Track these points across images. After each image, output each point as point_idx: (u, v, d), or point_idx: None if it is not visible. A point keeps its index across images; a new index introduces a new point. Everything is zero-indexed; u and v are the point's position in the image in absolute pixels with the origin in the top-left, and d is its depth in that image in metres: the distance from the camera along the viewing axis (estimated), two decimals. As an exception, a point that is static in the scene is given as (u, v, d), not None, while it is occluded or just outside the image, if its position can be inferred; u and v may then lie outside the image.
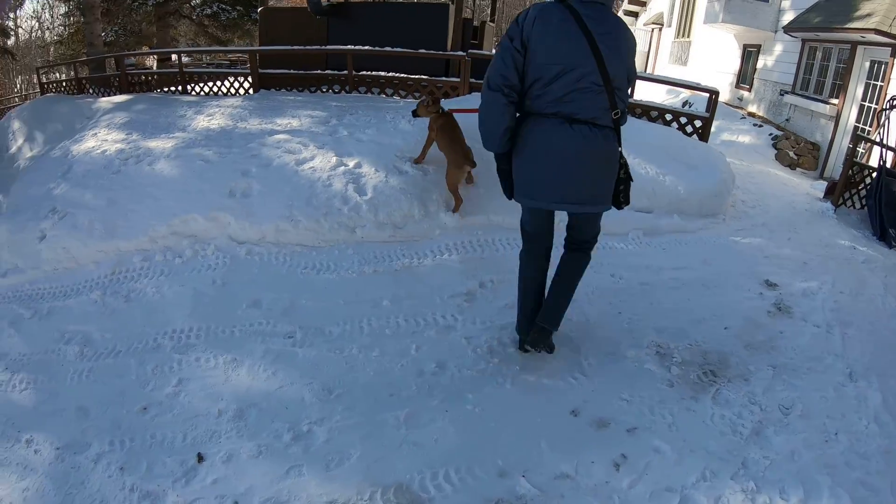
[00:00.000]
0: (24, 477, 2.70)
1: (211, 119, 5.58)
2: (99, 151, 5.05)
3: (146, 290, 3.87)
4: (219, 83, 7.09)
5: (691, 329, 3.09)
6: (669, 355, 2.89)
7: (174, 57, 8.97)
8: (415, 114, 4.34)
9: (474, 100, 5.31)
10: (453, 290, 3.55)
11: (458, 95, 6.03)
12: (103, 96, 7.72)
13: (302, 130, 4.97)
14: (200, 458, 2.56)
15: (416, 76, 6.28)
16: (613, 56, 2.24)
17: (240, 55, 14.35)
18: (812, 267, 4.05)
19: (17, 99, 16.19)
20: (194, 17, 14.05)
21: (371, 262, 3.87)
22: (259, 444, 2.58)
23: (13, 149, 7.47)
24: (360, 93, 6.56)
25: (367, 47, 6.18)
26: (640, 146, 4.69)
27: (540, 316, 2.70)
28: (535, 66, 2.24)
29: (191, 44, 17.76)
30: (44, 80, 10.20)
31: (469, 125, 4.35)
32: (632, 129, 3.40)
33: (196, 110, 5.97)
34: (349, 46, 6.23)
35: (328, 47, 6.42)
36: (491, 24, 9.30)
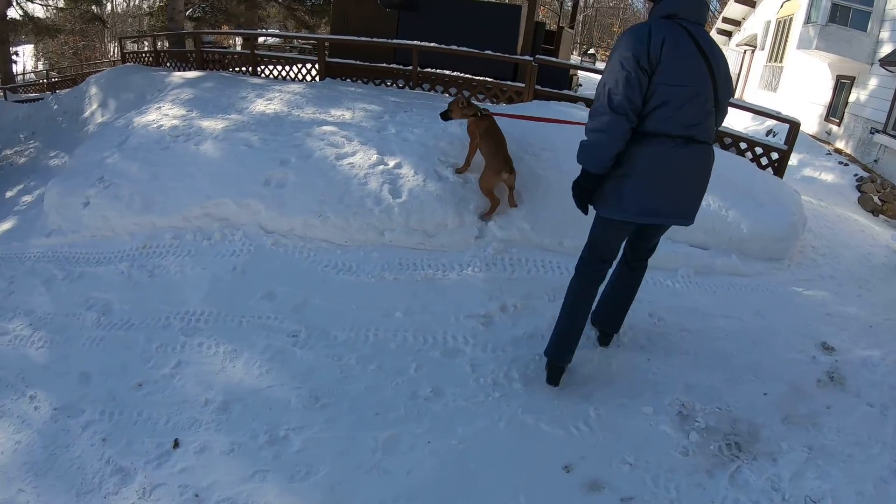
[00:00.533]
0: (20, 430, 3.00)
1: (269, 103, 5.86)
2: (156, 126, 5.45)
3: (170, 268, 4.15)
4: (287, 68, 7.46)
5: (725, 390, 2.87)
6: (692, 418, 2.70)
7: (261, 39, 9.48)
8: (445, 116, 4.31)
9: (533, 108, 5.26)
10: (471, 311, 3.52)
11: (521, 101, 5.97)
12: (179, 71, 8.35)
13: (351, 124, 5.11)
14: (176, 443, 2.71)
15: (481, 77, 6.29)
16: (723, 78, 2.40)
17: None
18: (879, 333, 3.65)
19: (106, 65, 17.87)
20: (282, 0, 14.91)
21: (394, 269, 3.91)
22: (234, 440, 2.69)
23: (87, 112, 8.25)
24: (423, 89, 6.66)
25: (432, 44, 6.26)
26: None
27: (605, 322, 3.14)
28: (664, 88, 2.29)
29: (280, 27, 18.85)
30: (126, 49, 11.17)
31: (517, 130, 4.40)
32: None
33: (258, 93, 6.30)
34: (415, 42, 6.34)
35: (394, 41, 6.56)
36: (570, 30, 9.13)
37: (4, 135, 9.13)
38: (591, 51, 27.29)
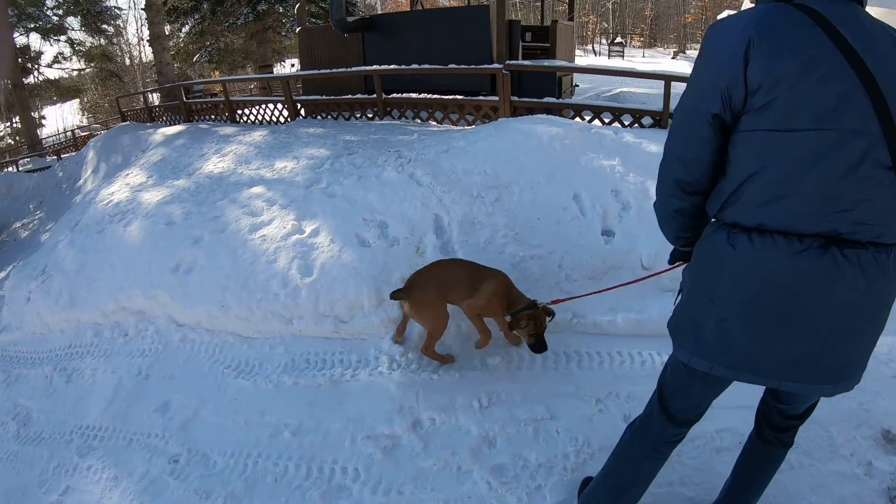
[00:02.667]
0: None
1: (221, 160, 5.49)
2: (106, 202, 5.24)
3: (85, 372, 3.91)
4: (262, 109, 7.12)
5: None
6: None
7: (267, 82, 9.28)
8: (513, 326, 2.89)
9: (510, 131, 4.38)
10: (373, 429, 2.84)
11: (498, 117, 5.12)
12: (169, 125, 8.31)
13: (284, 180, 4.56)
14: None
15: (451, 96, 5.49)
16: None
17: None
18: None
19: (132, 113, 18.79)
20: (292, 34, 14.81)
21: (296, 369, 3.30)
22: None
23: (82, 180, 8.44)
24: (393, 117, 6.00)
25: (391, 66, 5.58)
26: None
27: None
28: (767, 139, 1.30)
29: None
30: (125, 108, 11.41)
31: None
32: None
33: (219, 147, 5.95)
34: (374, 66, 5.69)
35: (353, 68, 5.98)
36: (568, 22, 7.90)
37: (17, 206, 9.64)
38: (619, 39, 24.50)
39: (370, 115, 6.12)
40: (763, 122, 1.29)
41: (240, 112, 7.57)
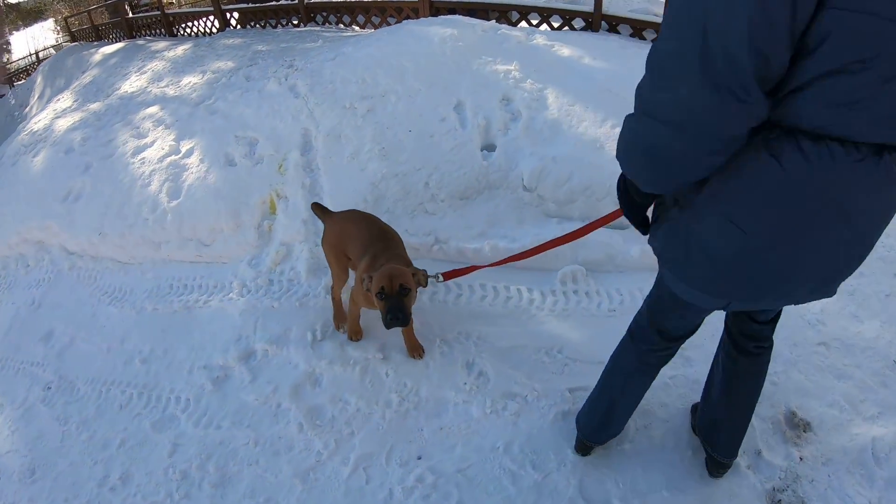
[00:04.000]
0: None
1: (139, 79, 5.30)
2: (28, 131, 5.20)
3: None
4: (197, 22, 6.78)
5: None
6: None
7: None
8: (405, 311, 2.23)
9: (409, 35, 4.00)
10: (209, 359, 2.85)
11: (420, 17, 4.68)
12: (116, 42, 8.02)
13: (180, 97, 4.38)
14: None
15: (370, -2, 5.03)
16: None
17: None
18: None
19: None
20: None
21: (158, 294, 3.30)
22: None
23: (28, 106, 8.36)
24: (317, 23, 5.60)
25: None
26: None
27: (710, 439, 2.04)
28: (855, 21, 0.95)
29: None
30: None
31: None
32: None
33: (143, 65, 5.75)
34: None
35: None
36: None
37: None
38: None
39: (295, 22, 5.74)
40: (869, 4, 0.93)
41: (176, 26, 7.26)
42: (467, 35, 3.78)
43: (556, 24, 4.69)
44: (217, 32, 6.51)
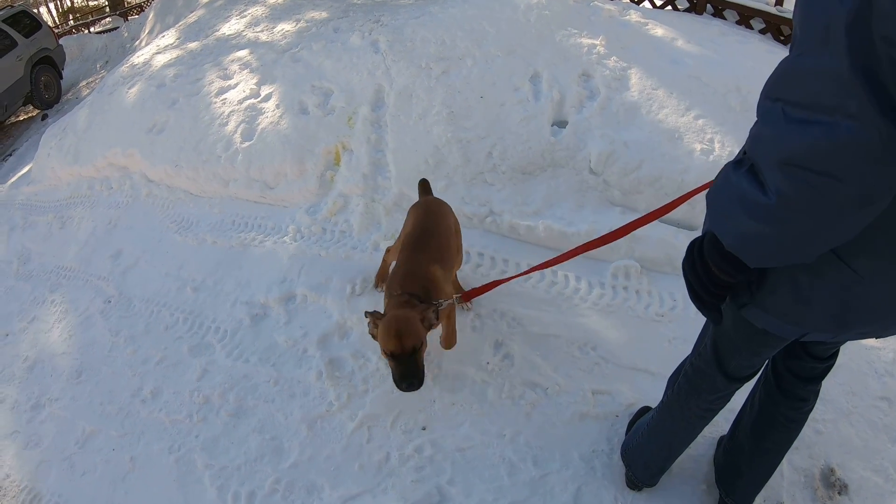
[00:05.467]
0: None
1: (238, 22, 5.48)
2: (130, 64, 5.57)
3: (74, 220, 4.39)
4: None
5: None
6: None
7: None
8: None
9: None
10: (253, 296, 2.99)
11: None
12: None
13: (270, 43, 4.51)
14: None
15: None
16: None
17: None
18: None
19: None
20: None
21: (220, 229, 3.47)
22: (17, 398, 3.02)
23: (139, 40, 8.82)
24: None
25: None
26: None
27: (731, 494, 1.90)
28: None
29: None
30: None
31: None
32: None
33: (245, 8, 5.89)
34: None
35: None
36: None
37: (86, 66, 10.42)
38: None
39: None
40: None
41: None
42: (555, 4, 3.65)
43: (658, 2, 4.43)
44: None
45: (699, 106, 3.09)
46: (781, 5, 3.89)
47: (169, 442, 2.45)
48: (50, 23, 17.58)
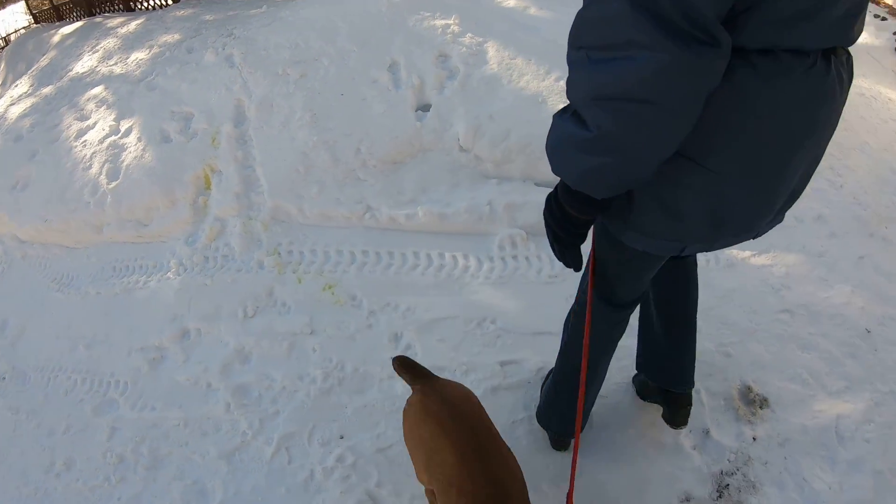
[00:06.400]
0: None
1: (90, 58, 5.18)
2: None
3: None
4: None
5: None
6: None
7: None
8: None
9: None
10: (146, 340, 2.87)
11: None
12: (77, 21, 7.84)
13: (125, 75, 4.31)
14: None
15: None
16: None
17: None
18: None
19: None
20: None
21: (101, 278, 3.31)
22: None
23: None
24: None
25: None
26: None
27: (674, 381, 1.91)
28: None
29: None
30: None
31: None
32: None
33: (97, 43, 5.59)
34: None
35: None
36: None
37: None
38: None
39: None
40: None
41: (133, 1, 7.12)
42: (405, -11, 3.63)
43: None
44: (172, 3, 6.36)
45: (559, 68, 3.16)
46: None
47: (92, 511, 2.35)
48: None
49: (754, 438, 2.17)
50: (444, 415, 1.49)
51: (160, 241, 3.28)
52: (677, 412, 1.94)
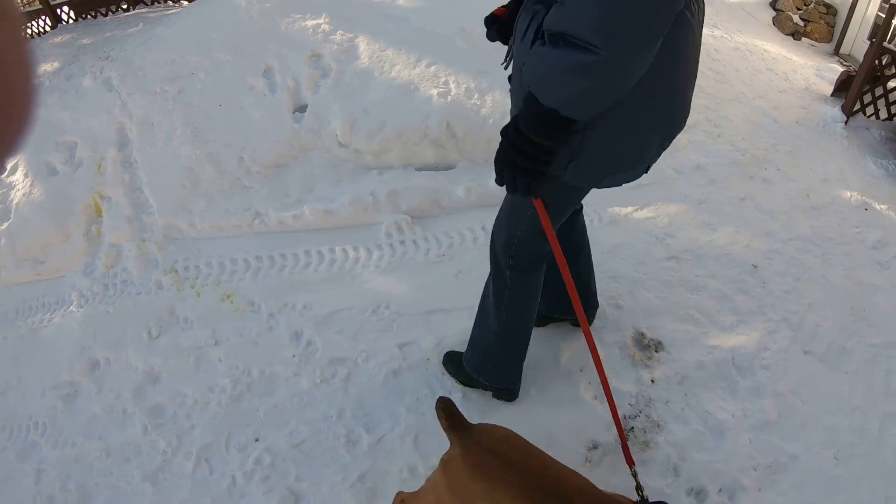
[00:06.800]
0: None
1: None
2: None
3: None
4: (30, 24, 6.28)
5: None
6: None
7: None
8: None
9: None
10: (58, 377, 2.85)
11: None
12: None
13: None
14: None
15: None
16: None
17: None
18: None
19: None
20: None
21: (6, 322, 3.26)
22: None
23: None
24: (146, 3, 5.32)
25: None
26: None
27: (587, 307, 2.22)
28: None
29: None
30: None
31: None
32: None
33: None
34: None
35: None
36: None
37: None
38: None
39: (124, 7, 5.43)
40: None
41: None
42: (276, -8, 3.65)
43: None
44: (50, 30, 6.14)
45: (429, 54, 3.26)
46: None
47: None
48: None
49: (653, 381, 2.31)
50: (493, 467, 1.40)
51: (59, 277, 3.26)
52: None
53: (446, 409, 1.48)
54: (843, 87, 4.33)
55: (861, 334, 2.66)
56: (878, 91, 4.11)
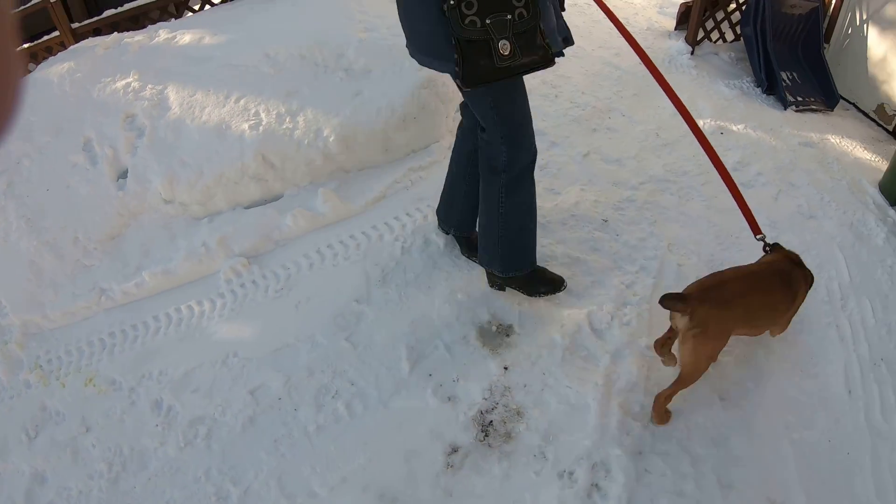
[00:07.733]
0: None
1: None
2: None
3: None
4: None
5: None
6: None
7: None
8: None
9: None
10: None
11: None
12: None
13: None
14: None
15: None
16: None
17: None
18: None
19: None
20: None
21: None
22: None
23: None
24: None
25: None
26: None
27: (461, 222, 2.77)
28: None
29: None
30: None
31: None
32: None
33: None
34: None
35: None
36: None
37: None
38: None
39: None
40: None
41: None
42: (83, 62, 3.60)
43: (195, 7, 4.38)
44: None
45: (237, 88, 3.23)
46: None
47: None
48: None
49: (506, 368, 2.29)
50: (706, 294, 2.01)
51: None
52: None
53: (667, 300, 1.98)
54: (684, 19, 4.27)
55: (732, 260, 2.63)
56: (720, 15, 4.04)
